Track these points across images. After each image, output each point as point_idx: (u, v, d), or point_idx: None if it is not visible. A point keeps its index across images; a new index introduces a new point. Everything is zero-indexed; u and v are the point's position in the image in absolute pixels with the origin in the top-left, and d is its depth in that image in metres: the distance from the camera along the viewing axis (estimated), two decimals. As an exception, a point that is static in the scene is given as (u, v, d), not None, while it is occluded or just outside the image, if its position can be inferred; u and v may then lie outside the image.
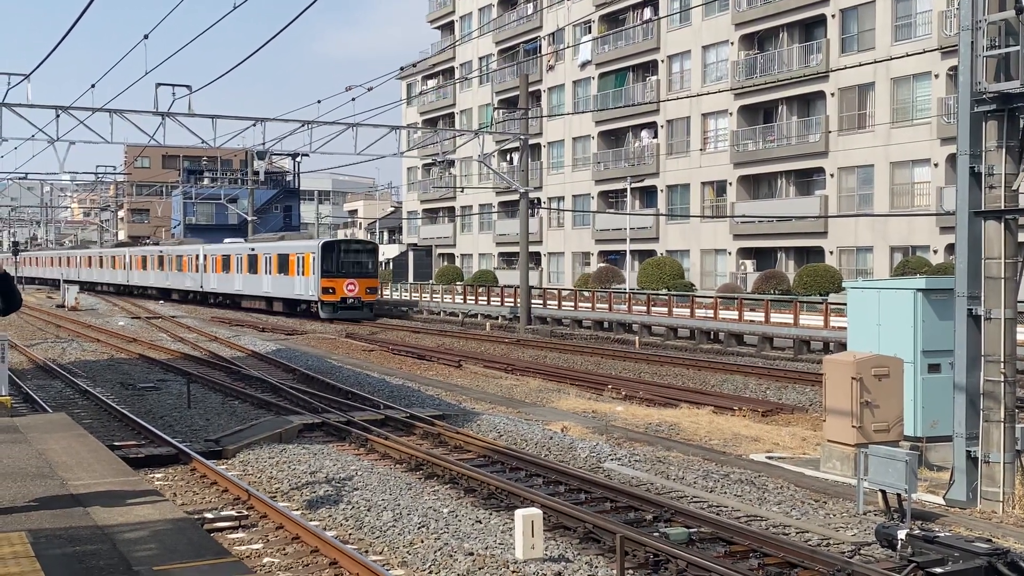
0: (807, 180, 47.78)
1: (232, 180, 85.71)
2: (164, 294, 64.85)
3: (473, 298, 49.39)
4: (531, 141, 50.88)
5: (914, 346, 13.98)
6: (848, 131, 44.75)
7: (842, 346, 20.55)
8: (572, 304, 44.34)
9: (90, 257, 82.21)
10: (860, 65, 37.54)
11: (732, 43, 50.05)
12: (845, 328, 18.50)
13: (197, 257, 58.23)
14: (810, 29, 47.41)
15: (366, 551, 9.92)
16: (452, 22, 74.99)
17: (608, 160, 58.86)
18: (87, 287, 78.57)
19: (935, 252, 40.58)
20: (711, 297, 39.45)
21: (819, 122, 46.02)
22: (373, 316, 46.42)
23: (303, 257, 46.24)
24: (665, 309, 37.63)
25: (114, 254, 75.19)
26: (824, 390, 13.59)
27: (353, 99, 39.67)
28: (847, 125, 44.88)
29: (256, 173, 65.43)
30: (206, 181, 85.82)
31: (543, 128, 63.25)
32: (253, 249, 52.10)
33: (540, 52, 63.75)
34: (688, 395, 21.38)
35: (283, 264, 48.49)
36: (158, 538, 7.28)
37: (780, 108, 48.52)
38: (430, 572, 9.27)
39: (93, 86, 31.05)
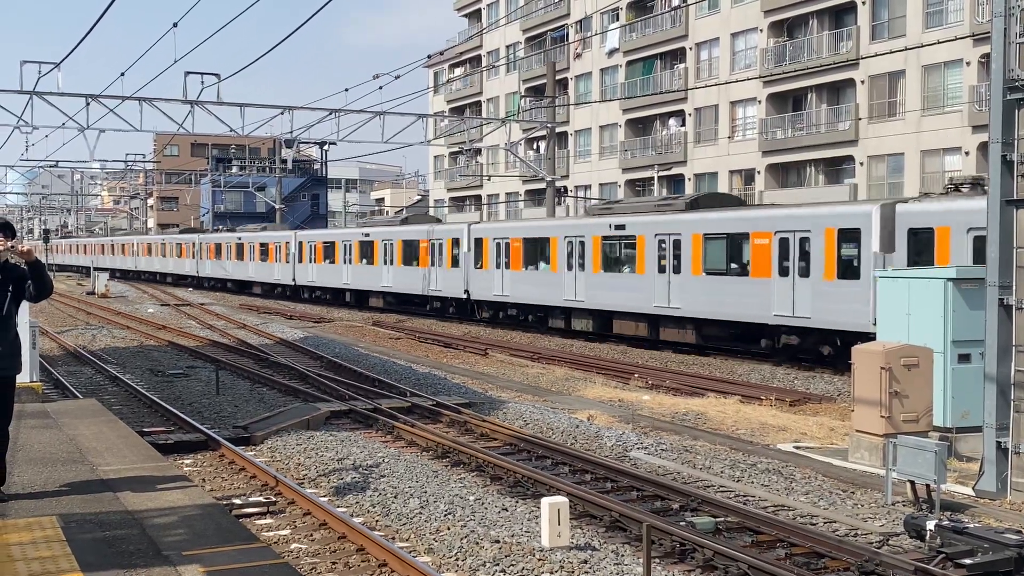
0: (836, 168, 47.39)
1: (260, 168, 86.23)
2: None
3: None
4: (558, 129, 50.67)
5: (944, 336, 13.86)
6: (878, 119, 44.34)
7: (871, 336, 20.38)
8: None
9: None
10: (891, 52, 37.15)
11: (761, 30, 49.66)
12: (874, 318, 18.36)
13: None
14: (840, 16, 46.95)
15: (393, 538, 9.96)
16: (479, 9, 74.79)
17: (635, 148, 58.62)
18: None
19: (966, 241, 40.13)
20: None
21: (849, 110, 45.61)
22: None
23: None
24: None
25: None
26: (853, 380, 13.50)
27: (380, 87, 39.93)
28: (877, 113, 44.46)
29: (284, 161, 65.60)
30: (234, 169, 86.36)
31: (570, 116, 63.04)
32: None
33: (567, 40, 63.51)
34: (715, 384, 21.29)
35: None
36: (187, 523, 7.34)
37: (809, 96, 48.11)
38: (456, 559, 9.29)
39: (123, 74, 31.42)
